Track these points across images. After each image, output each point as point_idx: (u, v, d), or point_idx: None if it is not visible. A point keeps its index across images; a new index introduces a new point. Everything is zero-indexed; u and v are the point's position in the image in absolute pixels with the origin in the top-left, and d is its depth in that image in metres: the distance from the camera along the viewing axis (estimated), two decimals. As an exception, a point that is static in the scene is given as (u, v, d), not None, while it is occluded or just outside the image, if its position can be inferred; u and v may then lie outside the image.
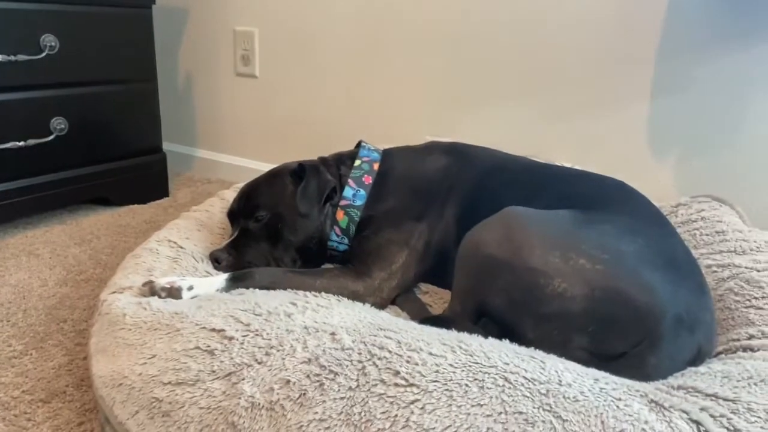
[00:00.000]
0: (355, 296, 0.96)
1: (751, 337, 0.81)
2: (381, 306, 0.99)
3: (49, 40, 1.47)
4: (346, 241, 1.08)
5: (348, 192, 1.09)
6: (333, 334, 0.70)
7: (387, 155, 1.15)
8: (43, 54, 1.46)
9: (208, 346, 0.71)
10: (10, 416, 0.84)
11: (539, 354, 0.70)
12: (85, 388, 0.92)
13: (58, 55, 1.49)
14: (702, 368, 0.73)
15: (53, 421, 0.84)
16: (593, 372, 0.67)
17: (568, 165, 1.41)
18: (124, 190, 1.78)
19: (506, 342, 0.75)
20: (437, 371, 0.63)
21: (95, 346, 0.84)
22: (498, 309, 0.84)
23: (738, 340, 0.81)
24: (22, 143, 1.46)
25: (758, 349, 0.77)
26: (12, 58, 1.39)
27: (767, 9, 1.22)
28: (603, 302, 0.76)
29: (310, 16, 1.81)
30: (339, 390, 0.62)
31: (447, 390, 0.61)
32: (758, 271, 0.93)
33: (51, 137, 1.53)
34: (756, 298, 0.87)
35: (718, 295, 0.92)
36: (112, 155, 1.73)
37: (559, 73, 1.47)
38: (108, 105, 1.68)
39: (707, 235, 1.06)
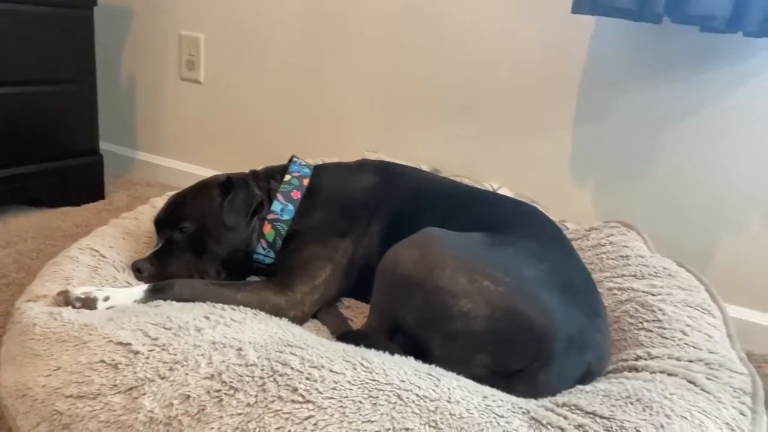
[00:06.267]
0: (276, 310, 0.98)
1: (638, 358, 0.87)
2: (302, 320, 1.01)
3: (-21, 37, 1.43)
4: (272, 254, 1.10)
5: (276, 206, 1.11)
6: (240, 349, 0.72)
7: (318, 171, 1.18)
8: (-27, 51, 1.42)
9: (113, 360, 0.71)
10: None
11: (437, 371, 0.74)
12: (-6, 398, 0.90)
13: (-11, 52, 1.46)
14: (588, 387, 0.78)
15: (-45, 431, 0.83)
16: (484, 389, 0.72)
17: (496, 185, 1.48)
18: (57, 192, 1.74)
19: (410, 359, 0.78)
20: (334, 388, 0.66)
21: (5, 355, 0.84)
22: (409, 326, 0.88)
23: (626, 360, 0.87)
24: (-55, 141, 1.42)
25: (642, 370, 0.83)
26: (-63, 54, 1.35)
27: (677, 52, 1.31)
28: (503, 323, 0.81)
29: (255, 24, 1.82)
30: (237, 406, 0.64)
31: (341, 407, 0.64)
32: (653, 295, 1.00)
33: (-22, 136, 1.49)
34: (648, 321, 0.94)
35: (615, 317, 0.98)
36: (45, 155, 1.69)
37: (492, 98, 1.54)
38: (42, 105, 1.65)
39: (612, 259, 1.13)
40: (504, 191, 1.45)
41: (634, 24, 1.27)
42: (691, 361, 0.84)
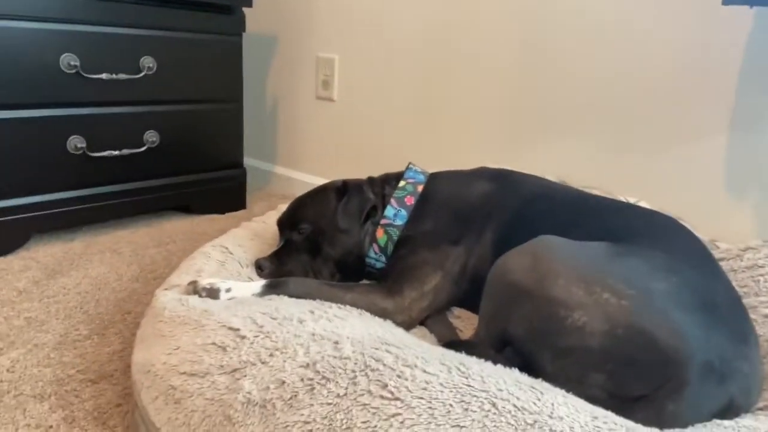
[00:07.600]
0: (383, 313, 0.97)
1: (798, 396, 0.72)
2: (409, 325, 0.99)
3: (147, 62, 1.64)
4: (383, 259, 1.10)
5: (389, 211, 1.11)
6: (336, 342, 0.72)
7: (433, 178, 1.17)
8: (142, 74, 1.63)
9: (223, 343, 0.75)
10: (62, 391, 0.94)
11: (542, 385, 0.68)
12: (130, 374, 1.00)
13: (155, 75, 1.66)
14: (728, 422, 0.67)
15: (96, 400, 0.93)
16: (595, 410, 0.64)
17: (633, 200, 1.34)
18: (205, 201, 1.92)
19: (515, 371, 0.73)
20: (425, 388, 0.63)
21: (140, 335, 0.93)
22: (519, 338, 0.82)
23: (782, 397, 0.73)
24: (117, 152, 1.63)
25: (803, 410, 0.69)
26: (114, 76, 1.57)
27: None
28: (624, 341, 0.72)
29: (384, 44, 1.88)
30: (327, 396, 0.64)
31: (430, 407, 0.61)
32: (823, 325, 0.84)
33: (143, 148, 1.69)
34: (814, 354, 0.78)
35: (772, 348, 0.83)
36: (197, 168, 1.88)
37: (629, 105, 1.42)
38: (196, 122, 1.84)
39: (772, 282, 0.97)
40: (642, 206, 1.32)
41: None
42: None
